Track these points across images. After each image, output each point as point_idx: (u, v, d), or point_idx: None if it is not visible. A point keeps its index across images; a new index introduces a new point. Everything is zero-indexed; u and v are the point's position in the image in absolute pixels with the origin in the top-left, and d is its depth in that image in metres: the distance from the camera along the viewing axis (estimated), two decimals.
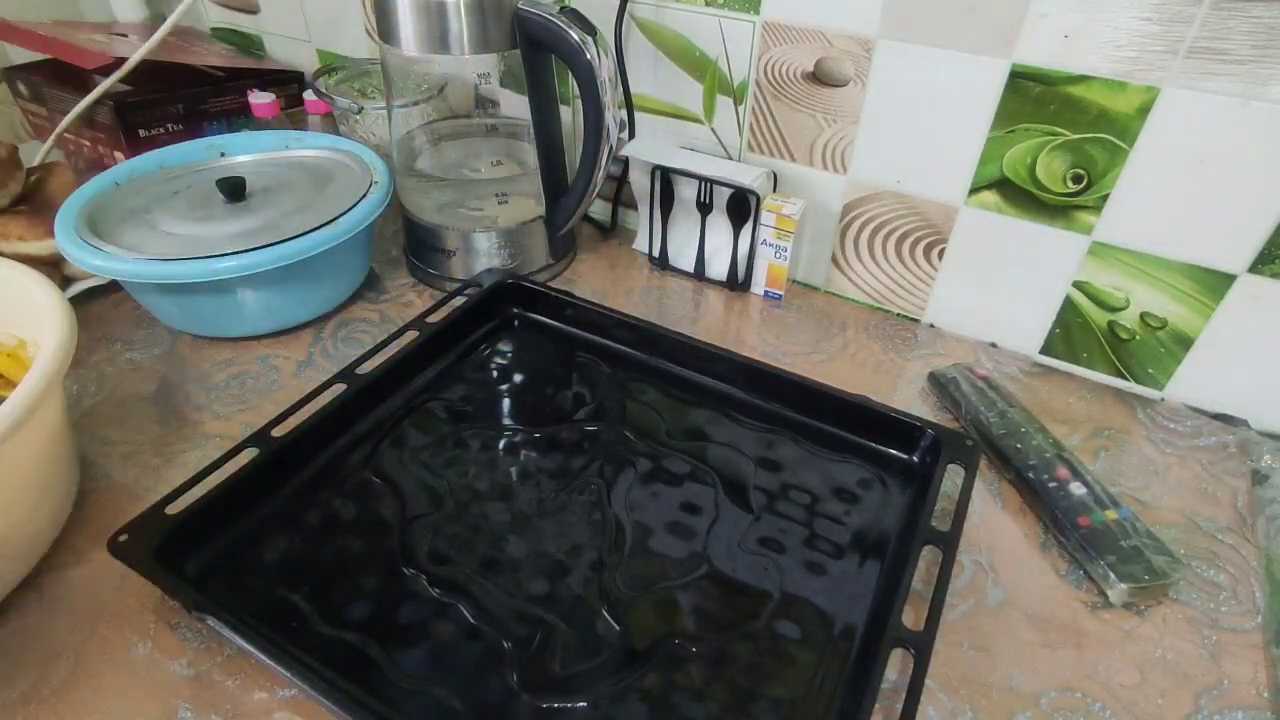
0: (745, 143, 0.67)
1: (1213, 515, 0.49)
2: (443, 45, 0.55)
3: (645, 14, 0.65)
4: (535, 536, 0.45)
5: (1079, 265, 0.57)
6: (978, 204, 0.58)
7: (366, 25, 0.86)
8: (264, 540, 0.44)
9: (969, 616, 0.43)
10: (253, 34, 0.97)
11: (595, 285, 0.69)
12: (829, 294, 0.70)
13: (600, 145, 0.58)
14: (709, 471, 0.49)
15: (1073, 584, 0.45)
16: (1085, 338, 0.60)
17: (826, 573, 0.43)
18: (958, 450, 0.47)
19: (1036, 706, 0.39)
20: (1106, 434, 0.55)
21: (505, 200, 0.66)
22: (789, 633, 0.40)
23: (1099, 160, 0.52)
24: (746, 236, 0.66)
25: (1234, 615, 0.43)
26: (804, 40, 0.59)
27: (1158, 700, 0.39)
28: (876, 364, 0.61)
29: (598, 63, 0.54)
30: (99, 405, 0.54)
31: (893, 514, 0.47)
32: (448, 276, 0.67)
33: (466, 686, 0.37)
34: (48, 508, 0.43)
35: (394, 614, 0.40)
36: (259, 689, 0.38)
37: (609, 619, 0.41)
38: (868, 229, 0.65)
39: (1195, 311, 0.54)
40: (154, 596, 0.42)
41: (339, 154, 0.68)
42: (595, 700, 0.37)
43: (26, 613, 0.41)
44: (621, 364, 0.58)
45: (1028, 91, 0.52)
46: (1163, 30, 0.47)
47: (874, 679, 0.35)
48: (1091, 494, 0.47)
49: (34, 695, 0.37)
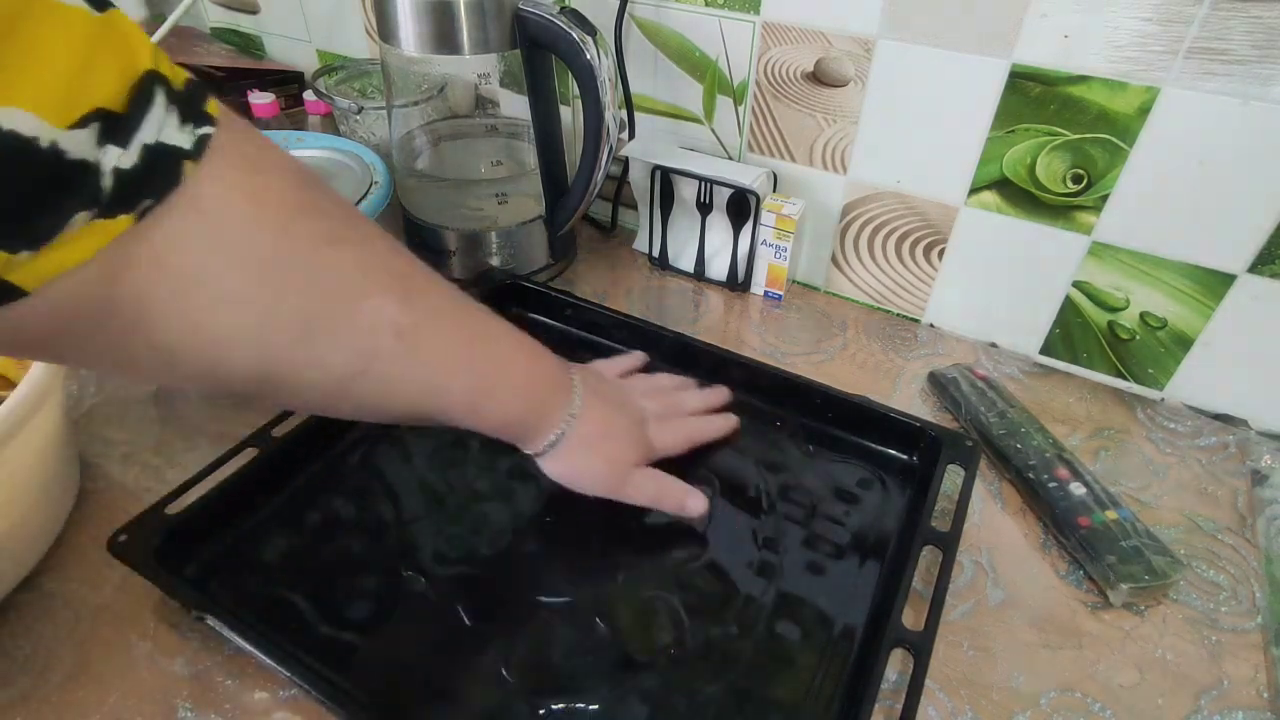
0: (745, 143, 0.67)
1: (1213, 515, 0.49)
2: (443, 45, 0.55)
3: (645, 14, 0.65)
4: (535, 537, 0.45)
5: (1079, 265, 0.57)
6: (978, 204, 0.58)
7: (366, 25, 0.86)
8: (264, 540, 0.44)
9: (969, 616, 0.43)
10: (253, 34, 0.97)
11: (595, 285, 0.69)
12: (829, 294, 0.70)
13: (600, 145, 0.58)
14: (709, 472, 0.49)
15: (1073, 584, 0.45)
16: (1085, 338, 0.60)
17: (826, 573, 0.43)
18: (958, 450, 0.47)
19: (1036, 706, 0.39)
20: (1106, 434, 0.55)
21: (505, 200, 0.66)
22: (789, 633, 0.40)
23: (1099, 160, 0.52)
24: (746, 236, 0.66)
25: (1234, 615, 0.43)
26: (804, 40, 0.59)
27: (1158, 700, 0.39)
28: (876, 364, 0.61)
29: (598, 63, 0.54)
30: (99, 405, 0.54)
31: (893, 514, 0.47)
32: (448, 276, 0.66)
33: (466, 687, 0.37)
34: (48, 508, 0.43)
35: (394, 614, 0.40)
36: (259, 689, 0.38)
37: (609, 620, 0.41)
38: (868, 229, 0.65)
39: (1195, 311, 0.54)
40: (154, 596, 0.42)
41: (339, 154, 0.68)
42: (595, 701, 0.37)
43: (26, 613, 0.41)
44: None
45: (1028, 91, 0.52)
46: (1163, 30, 0.47)
47: (874, 679, 0.35)
48: (1091, 494, 0.47)
49: (34, 695, 0.37)
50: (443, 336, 0.35)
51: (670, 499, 0.45)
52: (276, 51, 0.97)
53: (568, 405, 0.41)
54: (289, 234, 0.29)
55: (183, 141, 0.25)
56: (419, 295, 0.34)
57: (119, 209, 0.24)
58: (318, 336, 0.30)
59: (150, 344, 0.27)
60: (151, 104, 0.24)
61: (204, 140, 0.26)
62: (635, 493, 0.44)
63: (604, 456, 0.43)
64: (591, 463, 0.43)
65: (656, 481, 0.44)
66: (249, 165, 0.28)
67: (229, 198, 0.27)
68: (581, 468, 0.43)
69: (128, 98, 0.23)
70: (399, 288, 0.33)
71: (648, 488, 0.44)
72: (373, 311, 0.31)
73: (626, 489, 0.43)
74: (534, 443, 0.41)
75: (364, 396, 0.33)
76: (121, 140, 0.23)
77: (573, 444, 0.41)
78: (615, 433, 0.44)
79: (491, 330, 0.39)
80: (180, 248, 0.26)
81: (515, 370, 0.39)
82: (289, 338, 0.30)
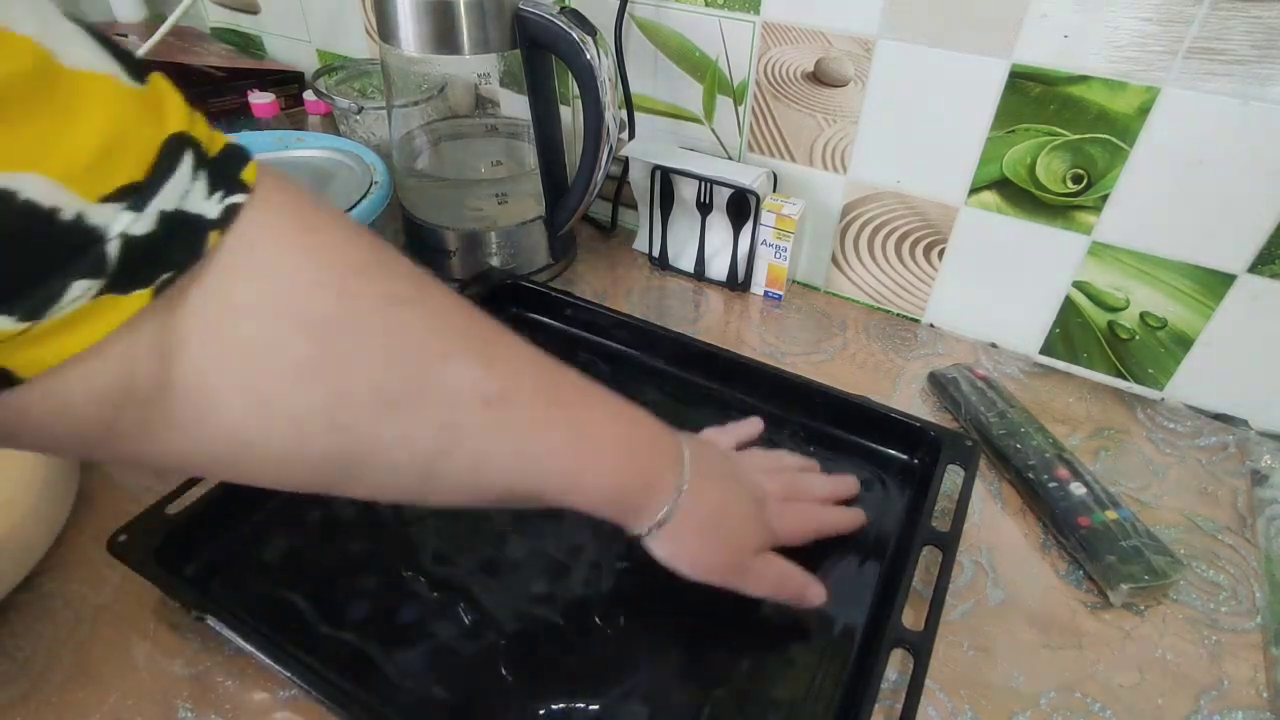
0: (745, 143, 0.67)
1: (1213, 515, 0.49)
2: (443, 45, 0.55)
3: (645, 14, 0.65)
4: (535, 536, 0.45)
5: (1079, 265, 0.57)
6: (978, 204, 0.58)
7: (366, 25, 0.86)
8: (264, 540, 0.44)
9: (969, 616, 0.43)
10: (253, 34, 0.97)
11: (595, 285, 0.69)
12: (829, 294, 0.70)
13: (600, 145, 0.58)
14: None
15: (1073, 584, 0.45)
16: (1085, 338, 0.60)
17: (827, 573, 0.43)
18: (958, 450, 0.47)
19: (1036, 706, 0.39)
20: (1106, 434, 0.55)
21: (505, 200, 0.66)
22: (789, 633, 0.40)
23: (1099, 160, 0.52)
24: (746, 236, 0.66)
25: (1234, 615, 0.43)
26: (804, 40, 0.59)
27: (1158, 700, 0.39)
28: (876, 364, 0.61)
29: (598, 63, 0.54)
30: None
31: (893, 514, 0.47)
32: (448, 276, 0.67)
33: (466, 687, 0.37)
34: (48, 508, 0.43)
35: (394, 614, 0.40)
36: (259, 689, 0.38)
37: (609, 619, 0.41)
38: (868, 229, 0.65)
39: (1195, 311, 0.54)
40: (154, 596, 0.42)
41: (339, 154, 0.68)
42: (595, 700, 0.37)
43: (26, 613, 0.41)
44: (621, 364, 0.58)
45: (1028, 91, 0.52)
46: (1163, 30, 0.47)
47: (874, 679, 0.35)
48: (1091, 494, 0.47)
49: (34, 695, 0.37)
50: (533, 404, 0.32)
51: (791, 588, 0.40)
52: (276, 51, 0.97)
53: (677, 479, 0.36)
54: (350, 293, 0.26)
55: (207, 210, 0.23)
56: (502, 361, 0.31)
57: (131, 282, 0.21)
58: (397, 408, 0.27)
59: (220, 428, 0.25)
60: (176, 169, 0.22)
61: (233, 210, 0.23)
62: (756, 583, 0.39)
63: (721, 540, 0.38)
64: (707, 547, 0.38)
65: (777, 569, 0.39)
66: (303, 224, 0.26)
67: (284, 255, 0.25)
68: (696, 552, 0.37)
69: (150, 163, 0.21)
70: (480, 350, 0.30)
71: (769, 576, 0.39)
72: (455, 376, 0.29)
73: (747, 579, 0.38)
74: (640, 521, 0.36)
75: (452, 477, 0.30)
76: (137, 205, 0.21)
77: (684, 524, 0.36)
78: (733, 514, 0.39)
79: (587, 397, 0.35)
80: (234, 312, 0.24)
81: (615, 438, 0.35)
82: (365, 410, 0.27)
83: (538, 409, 0.32)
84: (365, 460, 0.28)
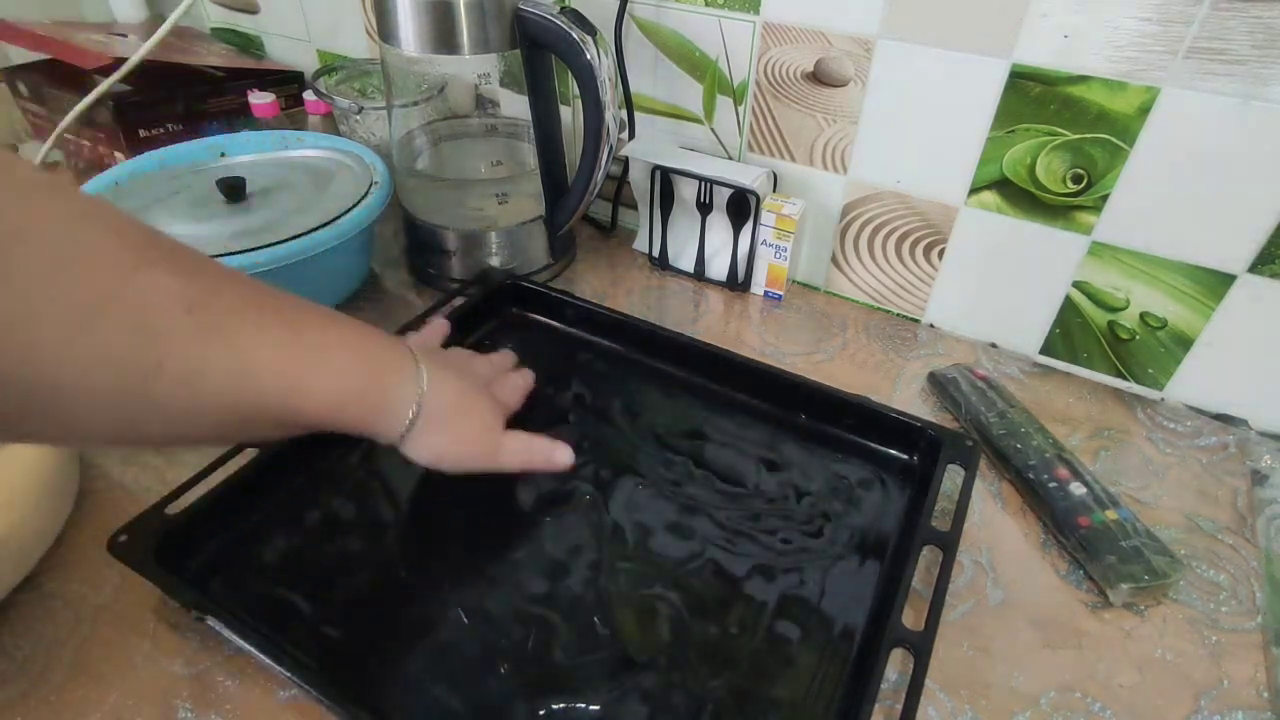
0: (745, 143, 0.67)
1: (1213, 515, 0.49)
2: (443, 45, 0.55)
3: (645, 14, 0.65)
4: (535, 536, 0.45)
5: (1079, 265, 0.57)
6: (978, 204, 0.58)
7: (366, 25, 0.86)
8: (264, 540, 0.44)
9: (969, 616, 0.43)
10: (253, 34, 0.97)
11: (595, 285, 0.69)
12: (829, 294, 0.70)
13: (600, 145, 0.58)
14: (709, 472, 0.49)
15: (1073, 584, 0.45)
16: (1085, 338, 0.60)
17: (827, 573, 0.43)
18: (958, 450, 0.47)
19: (1036, 706, 0.39)
20: (1106, 434, 0.55)
21: (505, 200, 0.66)
22: (789, 633, 0.40)
23: (1099, 160, 0.52)
24: (746, 236, 0.66)
25: (1234, 615, 0.43)
26: (804, 40, 0.59)
27: (1158, 700, 0.39)
28: (876, 364, 0.61)
29: (598, 63, 0.54)
30: None
31: (893, 514, 0.47)
32: (448, 276, 0.67)
33: (466, 687, 0.37)
34: (48, 508, 0.43)
35: (394, 614, 0.40)
36: (259, 689, 0.38)
37: (608, 619, 0.41)
38: (868, 229, 0.65)
39: (1195, 311, 0.54)
40: (154, 596, 0.42)
41: (339, 154, 0.68)
42: (595, 700, 0.37)
43: (26, 613, 0.41)
44: (621, 364, 0.58)
45: (1028, 91, 0.52)
46: (1163, 30, 0.47)
47: (874, 679, 0.35)
48: (1091, 494, 0.47)
49: (33, 694, 0.37)
50: (243, 310, 0.31)
51: (540, 456, 0.42)
52: (276, 51, 0.97)
53: (415, 377, 0.37)
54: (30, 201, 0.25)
55: None
56: (204, 275, 0.30)
57: None
58: (93, 321, 0.26)
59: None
60: None
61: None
62: (510, 458, 0.41)
63: (472, 424, 0.40)
64: (463, 435, 0.39)
65: (524, 441, 0.42)
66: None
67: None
68: (454, 441, 0.39)
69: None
70: (177, 263, 0.29)
71: (519, 450, 0.42)
72: (150, 284, 0.28)
73: (501, 456, 0.41)
74: (390, 426, 0.37)
75: (168, 397, 0.29)
76: None
77: (435, 416, 0.37)
78: (473, 396, 0.41)
79: (302, 304, 0.35)
80: None
81: (339, 338, 0.35)
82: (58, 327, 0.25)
83: (248, 314, 0.31)
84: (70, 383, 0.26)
